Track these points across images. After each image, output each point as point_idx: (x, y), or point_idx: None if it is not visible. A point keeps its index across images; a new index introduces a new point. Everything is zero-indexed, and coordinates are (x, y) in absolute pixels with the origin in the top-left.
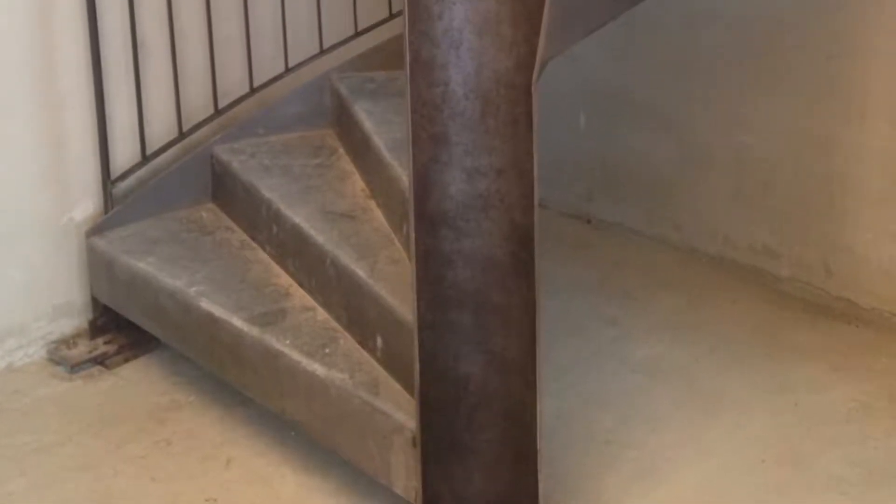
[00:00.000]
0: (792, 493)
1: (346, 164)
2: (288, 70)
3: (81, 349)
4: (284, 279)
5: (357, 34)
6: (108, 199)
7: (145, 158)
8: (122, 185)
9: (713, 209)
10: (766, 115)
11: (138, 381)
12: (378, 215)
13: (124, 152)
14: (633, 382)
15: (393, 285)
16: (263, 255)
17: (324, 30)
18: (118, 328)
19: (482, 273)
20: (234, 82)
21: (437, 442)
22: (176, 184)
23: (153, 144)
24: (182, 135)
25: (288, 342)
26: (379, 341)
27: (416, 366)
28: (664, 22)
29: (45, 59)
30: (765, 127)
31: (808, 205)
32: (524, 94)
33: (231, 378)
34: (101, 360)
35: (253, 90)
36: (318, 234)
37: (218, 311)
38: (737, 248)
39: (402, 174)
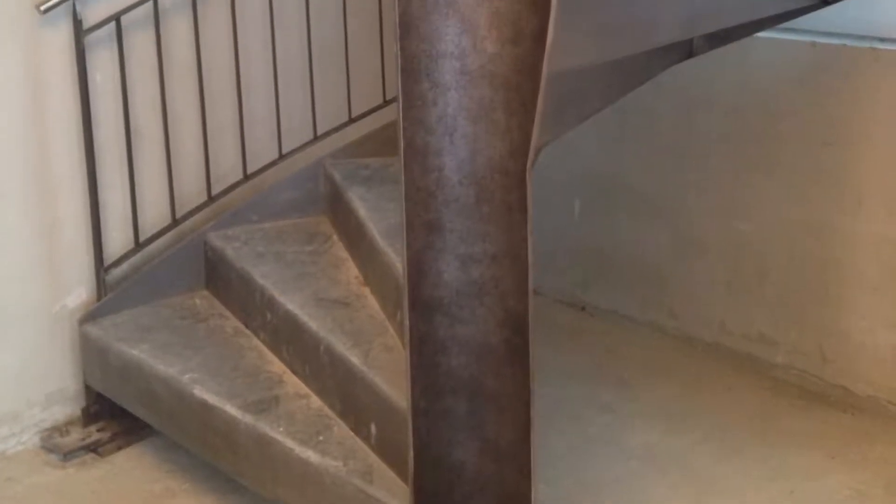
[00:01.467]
0: None
1: (340, 250)
2: (282, 157)
3: (74, 437)
4: (278, 366)
5: (351, 121)
6: (102, 286)
7: (138, 245)
8: (116, 272)
9: (708, 296)
10: (761, 202)
11: (132, 468)
12: (372, 302)
13: (118, 239)
14: (628, 469)
15: (387, 372)
16: (257, 342)
17: (318, 116)
18: (111, 415)
19: (476, 360)
20: (227, 169)
21: None
22: (169, 271)
23: (146, 231)
24: (175, 222)
25: (281, 429)
26: (373, 429)
27: (410, 453)
28: (658, 109)
29: (38, 146)
30: (760, 214)
31: (803, 292)
32: (519, 181)
33: (225, 465)
34: (94, 448)
35: (247, 177)
36: (312, 321)
37: (211, 399)
38: (732, 336)
39: (397, 261)
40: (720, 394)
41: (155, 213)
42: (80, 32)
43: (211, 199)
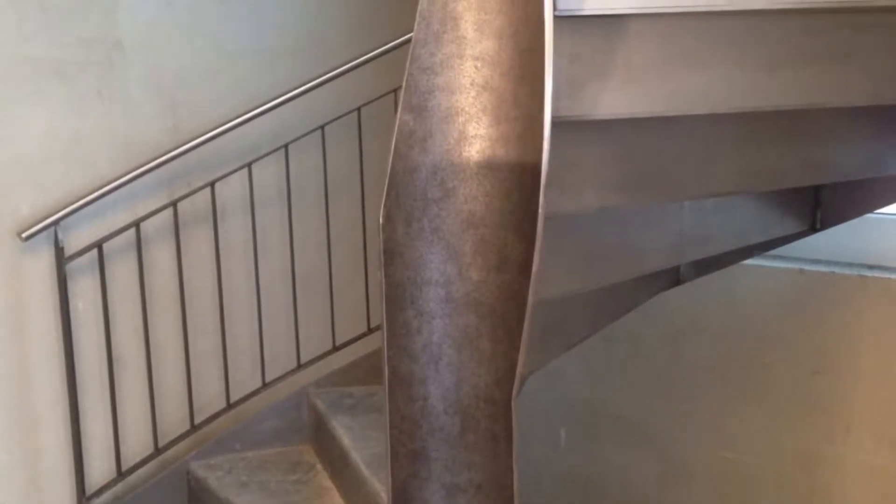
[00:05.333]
0: None
1: (324, 480)
2: (265, 385)
3: None
4: None
5: (335, 349)
6: None
7: (121, 474)
8: (98, 501)
9: None
10: (748, 431)
11: None
12: None
13: (100, 468)
14: None
15: None
16: None
17: (301, 344)
18: None
19: None
20: (210, 397)
21: None
22: (152, 500)
23: (129, 460)
24: (158, 450)
25: None
26: None
27: None
28: (645, 336)
29: (18, 373)
30: (747, 442)
31: None
32: (504, 410)
33: None
34: None
35: (230, 405)
36: None
37: None
38: None
39: (381, 490)
40: None
41: (137, 442)
42: (61, 259)
43: (194, 427)
